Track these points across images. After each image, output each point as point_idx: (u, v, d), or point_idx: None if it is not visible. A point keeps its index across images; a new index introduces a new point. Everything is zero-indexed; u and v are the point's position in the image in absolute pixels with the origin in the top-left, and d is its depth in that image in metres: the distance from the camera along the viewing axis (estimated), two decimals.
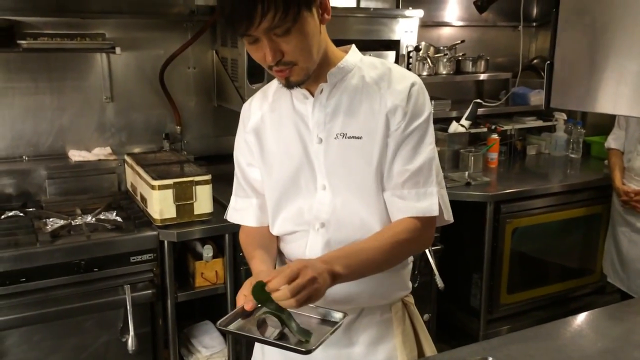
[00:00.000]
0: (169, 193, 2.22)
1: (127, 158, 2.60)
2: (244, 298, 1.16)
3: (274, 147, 1.34)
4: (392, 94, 1.25)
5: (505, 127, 3.42)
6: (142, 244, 2.16)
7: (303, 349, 1.07)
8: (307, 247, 1.33)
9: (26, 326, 2.02)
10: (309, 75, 1.21)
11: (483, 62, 3.42)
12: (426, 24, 3.34)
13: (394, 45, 2.84)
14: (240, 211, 1.45)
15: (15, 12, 2.42)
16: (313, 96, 1.28)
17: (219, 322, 1.14)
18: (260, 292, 1.10)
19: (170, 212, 2.24)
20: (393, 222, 1.28)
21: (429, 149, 1.27)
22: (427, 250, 2.71)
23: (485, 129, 3.35)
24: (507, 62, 3.75)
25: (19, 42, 2.29)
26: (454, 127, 3.23)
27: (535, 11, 3.83)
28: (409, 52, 2.86)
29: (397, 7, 3.22)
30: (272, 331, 1.13)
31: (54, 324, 2.06)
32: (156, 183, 2.21)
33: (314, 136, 1.29)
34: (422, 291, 2.82)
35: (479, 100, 3.23)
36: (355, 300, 1.31)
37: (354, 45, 1.33)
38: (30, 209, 2.37)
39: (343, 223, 1.29)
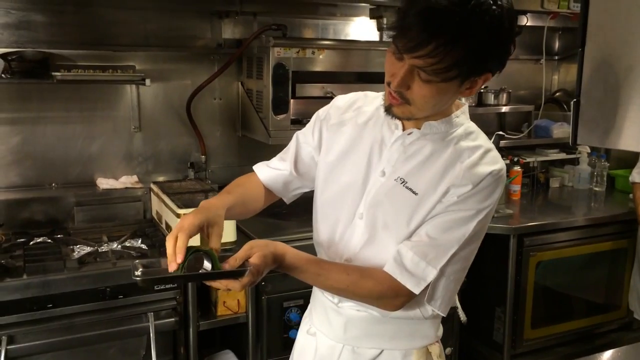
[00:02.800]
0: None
1: (152, 186, 2.65)
2: (173, 245, 1.20)
3: (343, 152, 1.35)
4: (468, 171, 1.21)
5: (528, 160, 3.41)
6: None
7: (240, 271, 1.15)
8: None
9: (52, 352, 2.03)
10: (410, 119, 1.24)
11: (505, 95, 3.44)
12: None
13: None
14: (266, 167, 1.53)
15: (50, 45, 2.51)
16: (402, 131, 1.29)
17: (138, 274, 1.17)
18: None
19: (195, 241, 2.25)
20: (374, 267, 1.26)
21: (461, 235, 1.21)
22: None
23: (507, 161, 3.34)
24: (529, 94, 3.76)
25: (53, 73, 2.36)
26: None
27: (557, 45, 3.85)
28: None
29: None
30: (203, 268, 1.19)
31: (78, 350, 2.07)
32: (181, 211, 2.24)
33: (380, 167, 1.30)
34: (444, 324, 2.77)
35: (501, 133, 3.23)
36: (375, 340, 1.34)
37: (466, 106, 1.31)
38: (59, 236, 2.41)
39: (367, 262, 1.29)
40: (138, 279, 1.17)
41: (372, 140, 1.32)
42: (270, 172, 1.52)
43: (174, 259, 1.18)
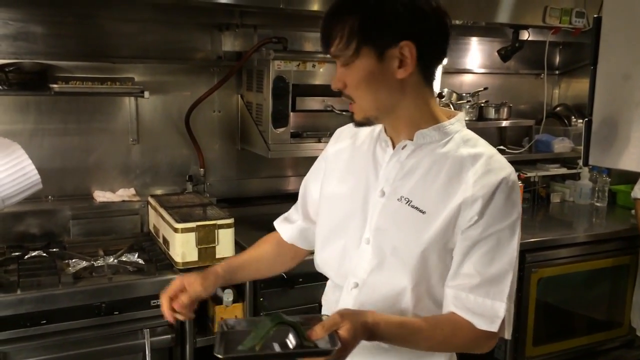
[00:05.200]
0: (192, 236, 2.21)
1: (150, 199, 2.61)
2: (167, 303, 1.32)
3: (340, 180, 1.33)
4: (476, 184, 1.15)
5: (529, 174, 3.39)
6: (163, 287, 2.12)
7: (329, 348, 1.05)
8: (337, 306, 1.29)
9: None
10: (370, 120, 1.21)
11: (506, 109, 3.43)
12: (448, 71, 3.36)
13: None
14: (284, 222, 1.52)
15: (48, 56, 2.48)
16: (394, 148, 1.25)
17: (216, 351, 1.08)
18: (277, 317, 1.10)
19: (192, 255, 2.23)
20: (451, 315, 1.18)
21: (509, 258, 1.16)
22: None
23: None
24: (529, 109, 3.75)
25: (51, 85, 2.34)
26: None
27: (558, 59, 3.85)
28: None
29: None
30: (283, 341, 1.10)
31: None
32: (179, 226, 2.21)
33: (379, 188, 1.25)
34: None
35: (502, 147, 3.22)
36: None
37: (461, 114, 1.28)
38: (54, 249, 2.37)
39: (376, 288, 1.24)
40: (220, 356, 1.08)
41: (365, 162, 1.29)
42: (286, 227, 1.51)
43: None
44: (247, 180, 2.96)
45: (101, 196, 2.63)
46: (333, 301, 1.33)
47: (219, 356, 1.08)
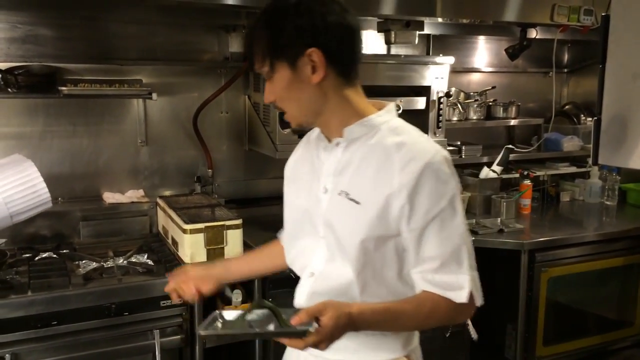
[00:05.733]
0: (200, 237, 2.22)
1: (159, 201, 2.62)
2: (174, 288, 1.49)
3: (296, 186, 1.43)
4: (401, 172, 1.22)
5: (538, 173, 3.37)
6: None
7: (303, 329, 1.11)
8: (297, 293, 1.41)
9: None
10: (304, 125, 1.33)
11: (514, 108, 3.41)
12: (456, 70, 3.35)
13: (424, 91, 2.85)
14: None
15: (57, 59, 2.50)
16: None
17: (202, 330, 1.20)
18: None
19: (201, 256, 2.24)
20: (428, 294, 1.26)
21: (458, 233, 1.24)
22: None
23: (517, 175, 3.30)
24: (538, 107, 3.74)
25: (59, 88, 2.35)
26: (485, 173, 3.20)
27: (566, 57, 3.83)
28: (439, 98, 2.86)
29: (428, 53, 3.25)
30: (263, 327, 1.17)
31: None
32: (188, 227, 2.21)
33: (321, 185, 1.34)
34: (454, 341, 2.75)
35: (511, 146, 3.20)
36: (340, 352, 1.31)
37: (391, 105, 1.33)
38: (64, 251, 2.39)
39: (327, 277, 1.33)
40: (202, 332, 1.19)
41: (312, 164, 1.39)
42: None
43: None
44: (255, 180, 2.96)
45: (110, 197, 2.64)
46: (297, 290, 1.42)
47: (200, 332, 1.19)
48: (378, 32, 2.91)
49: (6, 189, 1.61)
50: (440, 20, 2.94)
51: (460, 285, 1.24)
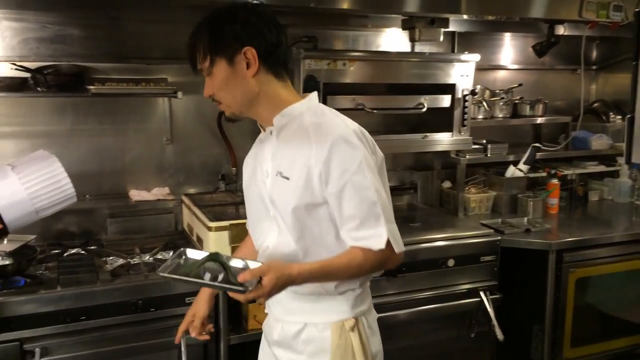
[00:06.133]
0: (225, 235, 2.23)
1: (184, 198, 2.65)
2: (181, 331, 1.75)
3: (247, 178, 1.64)
4: (317, 146, 1.42)
5: (566, 172, 3.31)
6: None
7: (242, 288, 1.29)
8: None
9: None
10: (237, 115, 1.51)
11: (541, 106, 3.36)
12: (481, 67, 3.31)
13: (449, 89, 2.82)
14: None
15: (84, 59, 2.54)
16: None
17: (160, 269, 1.38)
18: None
19: (226, 253, 2.24)
20: (356, 249, 1.44)
21: (370, 192, 1.42)
22: (485, 299, 2.63)
23: (544, 174, 3.26)
24: (565, 105, 3.68)
25: (87, 87, 2.39)
26: (511, 172, 3.16)
27: (594, 54, 3.76)
28: (464, 96, 2.83)
29: (453, 51, 3.22)
30: (208, 277, 1.35)
31: None
32: (213, 224, 2.23)
33: (264, 170, 1.54)
34: (480, 341, 2.72)
35: (537, 145, 3.16)
36: (298, 315, 1.56)
37: (312, 94, 1.55)
38: (92, 247, 2.43)
39: (278, 248, 1.53)
40: (160, 274, 1.38)
41: (255, 152, 1.62)
42: None
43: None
44: None
45: (137, 195, 2.68)
46: None
47: (159, 273, 1.38)
48: (402, 29, 2.89)
49: (31, 185, 1.64)
50: (465, 17, 2.91)
51: (379, 235, 1.42)
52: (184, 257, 1.45)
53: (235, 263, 1.40)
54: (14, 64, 2.37)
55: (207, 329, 1.79)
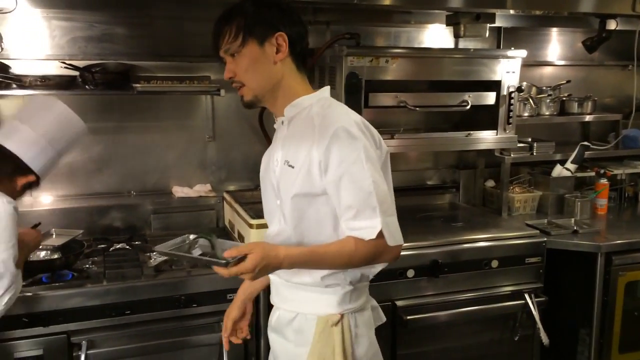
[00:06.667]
0: (266, 232, 2.23)
1: (225, 195, 2.67)
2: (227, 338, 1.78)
3: (263, 167, 1.69)
4: (319, 136, 1.45)
5: (616, 172, 3.20)
6: (239, 282, 2.17)
7: (223, 262, 1.36)
8: None
9: (128, 358, 2.07)
10: (258, 99, 1.53)
11: (590, 103, 3.25)
12: (528, 63, 3.22)
13: (494, 86, 2.76)
14: None
15: (130, 57, 2.58)
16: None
17: (156, 247, 1.48)
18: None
19: None
20: (350, 238, 1.46)
21: (367, 183, 1.43)
22: (530, 302, 2.56)
23: (592, 173, 3.15)
24: (615, 102, 3.55)
25: (133, 85, 2.43)
26: (558, 171, 3.07)
27: None
28: (510, 93, 2.76)
29: (498, 47, 3.14)
30: (198, 253, 1.47)
31: (153, 357, 2.10)
32: (254, 222, 2.24)
33: (275, 159, 1.58)
34: (523, 345, 2.66)
35: (586, 143, 3.06)
36: (291, 303, 1.61)
37: (325, 88, 1.58)
38: (136, 242, 2.47)
39: (279, 235, 1.57)
40: (155, 249, 1.50)
41: (274, 143, 1.64)
42: None
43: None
44: None
45: (179, 191, 2.71)
46: None
47: (154, 248, 1.49)
48: (447, 25, 2.84)
49: (46, 131, 1.72)
50: (512, 12, 2.84)
51: (373, 226, 1.42)
52: (187, 241, 1.52)
53: (230, 245, 1.45)
54: (63, 63, 2.43)
55: (239, 334, 1.81)
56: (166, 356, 2.12)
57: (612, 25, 3.03)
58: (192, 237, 1.53)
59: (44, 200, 2.58)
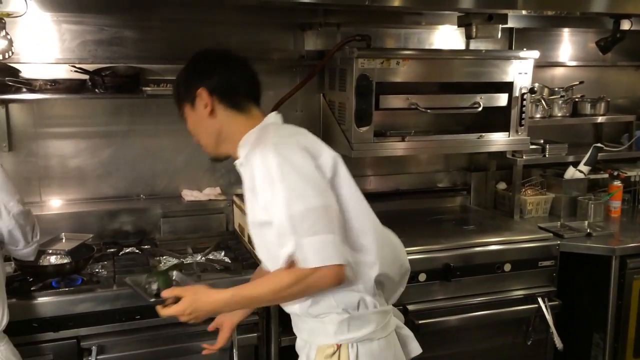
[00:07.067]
0: None
1: (235, 199, 2.66)
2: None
3: None
4: (252, 166, 1.46)
5: (629, 174, 3.16)
6: None
7: (147, 297, 1.55)
8: None
9: None
10: (215, 152, 1.64)
11: (603, 104, 3.22)
12: (539, 64, 3.18)
13: (506, 87, 2.73)
14: None
15: (140, 60, 2.58)
16: None
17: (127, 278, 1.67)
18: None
19: None
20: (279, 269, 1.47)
21: (284, 203, 1.39)
22: (543, 305, 2.53)
23: (606, 175, 3.12)
24: (629, 103, 3.51)
25: (143, 88, 2.42)
26: (571, 173, 3.04)
27: None
28: (522, 94, 2.73)
29: (510, 48, 3.11)
30: (155, 287, 1.61)
31: None
32: None
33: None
34: (536, 349, 2.63)
35: (600, 145, 3.03)
36: (301, 332, 1.64)
37: (270, 115, 1.62)
38: (146, 246, 2.47)
39: (263, 262, 1.64)
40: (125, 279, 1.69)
41: None
42: None
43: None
44: None
45: (189, 195, 2.70)
46: None
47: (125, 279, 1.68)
48: (458, 26, 2.81)
49: None
50: (524, 12, 2.81)
51: (285, 251, 1.40)
52: (150, 277, 1.66)
53: (187, 282, 1.64)
54: (73, 66, 2.43)
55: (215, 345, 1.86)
56: None
57: (626, 25, 2.99)
58: (153, 274, 1.70)
59: (53, 204, 2.58)
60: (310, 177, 1.42)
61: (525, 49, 2.77)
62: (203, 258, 2.34)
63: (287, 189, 1.39)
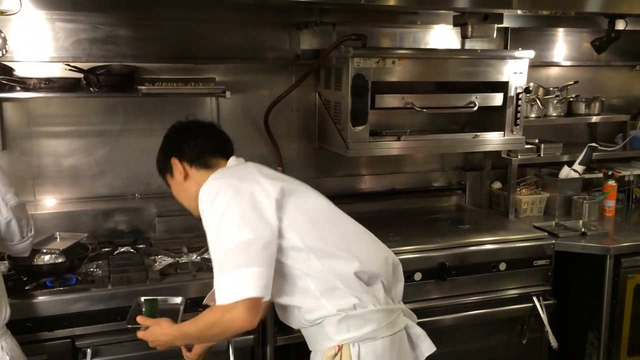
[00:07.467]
0: None
1: None
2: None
3: None
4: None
5: (623, 173, 3.18)
6: None
7: (129, 326, 1.71)
8: None
9: None
10: (195, 212, 1.65)
11: (597, 104, 3.23)
12: (534, 64, 3.19)
13: (501, 87, 2.74)
14: None
15: (135, 59, 2.56)
16: None
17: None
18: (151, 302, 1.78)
19: None
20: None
21: (213, 240, 1.50)
22: (538, 305, 2.54)
23: (600, 175, 3.13)
24: (623, 103, 3.52)
25: (138, 87, 2.41)
26: (566, 172, 3.05)
27: None
28: (518, 94, 2.74)
29: (505, 47, 3.11)
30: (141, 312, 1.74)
31: None
32: None
33: None
34: (531, 348, 2.64)
35: (594, 145, 3.04)
36: (308, 343, 1.70)
37: (230, 159, 1.76)
38: (141, 246, 2.46)
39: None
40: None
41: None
42: None
43: None
44: (325, 178, 2.94)
45: None
46: None
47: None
48: (454, 26, 2.80)
49: None
50: (519, 12, 2.81)
51: (211, 289, 1.56)
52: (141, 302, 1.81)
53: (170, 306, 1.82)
54: (68, 65, 2.41)
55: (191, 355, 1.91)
56: None
57: (620, 25, 3.00)
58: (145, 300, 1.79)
59: (47, 203, 2.56)
60: (237, 211, 1.50)
61: (520, 49, 2.78)
62: (198, 257, 2.34)
63: (213, 226, 1.51)
